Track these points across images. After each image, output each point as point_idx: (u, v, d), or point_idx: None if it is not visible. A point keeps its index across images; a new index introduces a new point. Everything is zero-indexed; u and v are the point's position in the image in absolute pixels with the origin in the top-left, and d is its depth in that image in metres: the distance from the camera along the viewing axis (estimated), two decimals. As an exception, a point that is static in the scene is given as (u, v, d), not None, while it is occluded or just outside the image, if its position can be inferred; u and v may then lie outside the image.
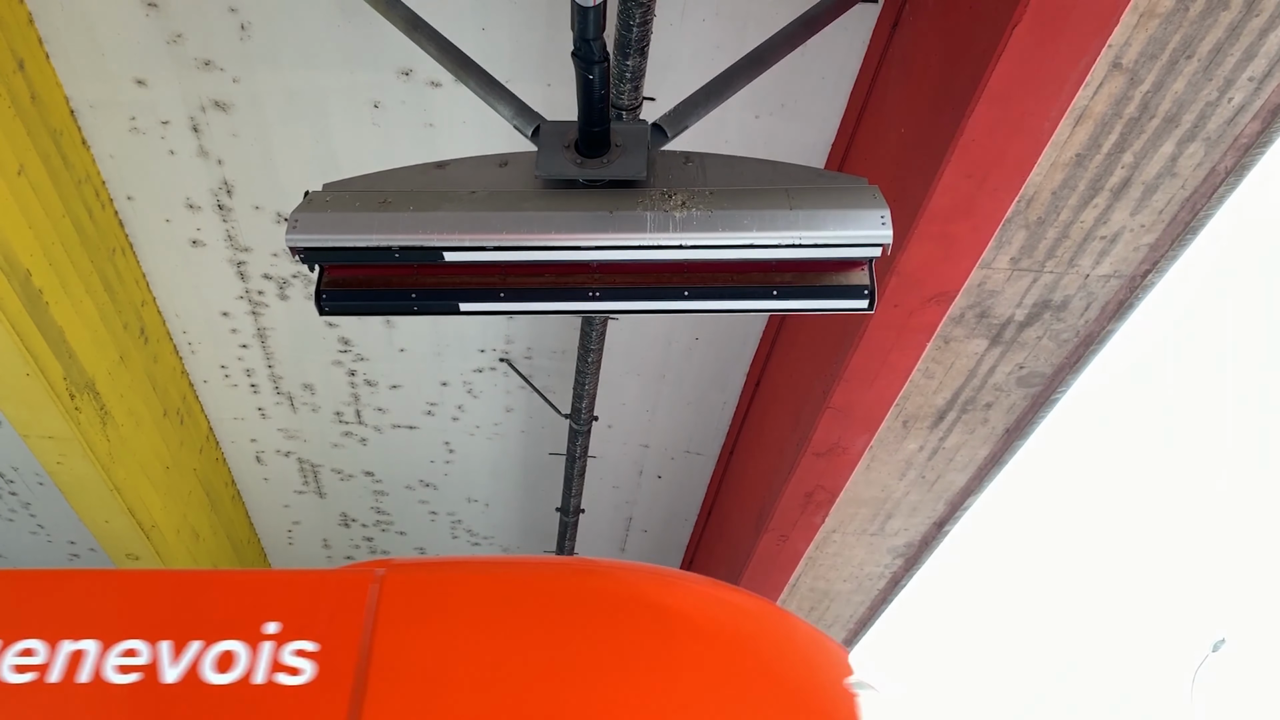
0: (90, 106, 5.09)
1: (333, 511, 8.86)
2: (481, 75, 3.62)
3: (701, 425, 7.43)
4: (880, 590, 8.45)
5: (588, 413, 6.57)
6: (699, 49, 4.60)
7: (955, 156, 3.71)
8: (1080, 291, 5.19)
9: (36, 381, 5.24)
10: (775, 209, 3.04)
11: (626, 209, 3.08)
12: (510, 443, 7.84)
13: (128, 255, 5.90)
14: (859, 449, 5.63)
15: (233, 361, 6.86)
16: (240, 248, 5.89)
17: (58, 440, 5.74)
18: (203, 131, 5.19)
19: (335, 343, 6.72)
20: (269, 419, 7.50)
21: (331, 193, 3.20)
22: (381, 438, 7.76)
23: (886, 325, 4.61)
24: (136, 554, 6.99)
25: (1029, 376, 5.83)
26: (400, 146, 5.13)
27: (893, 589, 8.40)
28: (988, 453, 6.57)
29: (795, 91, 4.79)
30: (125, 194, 5.58)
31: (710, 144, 4.87)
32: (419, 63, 4.76)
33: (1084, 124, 4.29)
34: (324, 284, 3.23)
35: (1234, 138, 4.35)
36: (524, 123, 3.40)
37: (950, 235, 4.09)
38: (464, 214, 3.10)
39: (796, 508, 6.24)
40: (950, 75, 3.71)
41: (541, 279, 3.20)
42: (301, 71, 4.87)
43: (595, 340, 5.69)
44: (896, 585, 8.33)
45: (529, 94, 3.77)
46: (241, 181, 5.47)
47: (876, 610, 8.74)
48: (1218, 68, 4.05)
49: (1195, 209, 4.68)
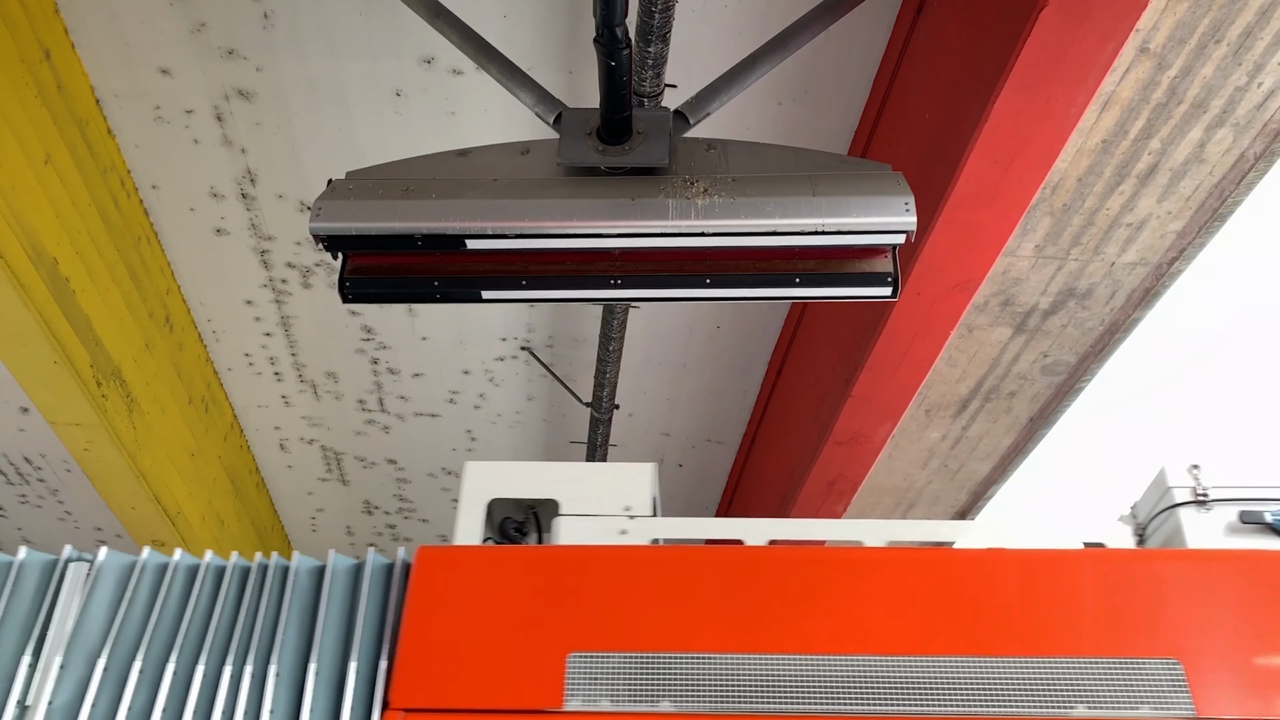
0: (115, 96, 5.13)
1: (356, 499, 8.92)
2: (503, 63, 3.62)
3: (723, 414, 7.42)
4: (902, 579, 8.41)
5: (609, 401, 6.57)
6: (721, 35, 4.58)
7: (980, 142, 3.68)
8: (1105, 279, 5.14)
9: (64, 369, 5.29)
10: (798, 196, 3.03)
11: (648, 196, 3.08)
12: (532, 431, 7.86)
13: (153, 244, 5.95)
14: (881, 438, 5.61)
15: (256, 349, 6.90)
16: (264, 236, 5.92)
17: (85, 427, 5.80)
18: (226, 120, 5.21)
19: (358, 331, 6.75)
20: (292, 407, 7.55)
21: (354, 180, 3.21)
22: (404, 426, 7.79)
23: (909, 313, 4.59)
24: (162, 540, 7.07)
25: (1053, 365, 5.79)
26: (422, 134, 5.14)
27: (914, 578, 8.36)
28: (1011, 442, 6.53)
29: (818, 77, 4.76)
30: (150, 183, 5.62)
31: (732, 131, 4.85)
32: (441, 50, 4.77)
33: (1110, 109, 4.24)
34: (347, 271, 3.25)
35: (1263, 123, 4.29)
36: (546, 110, 3.39)
37: (974, 222, 4.06)
38: (486, 202, 3.10)
39: (818, 497, 6.22)
40: (975, 60, 3.68)
41: (563, 267, 3.20)
42: (324, 60, 4.89)
43: (616, 329, 5.69)
44: (918, 574, 8.29)
45: (551, 81, 3.77)
46: (265, 170, 5.50)
47: (898, 599, 8.70)
48: (1247, 52, 3.99)
49: (1223, 195, 4.62)
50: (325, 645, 2.61)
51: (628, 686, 2.40)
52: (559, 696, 2.40)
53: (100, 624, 2.69)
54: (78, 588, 2.73)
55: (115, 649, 2.66)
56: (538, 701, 2.39)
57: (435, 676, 2.46)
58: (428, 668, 2.48)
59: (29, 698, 2.55)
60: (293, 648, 2.65)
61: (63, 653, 2.63)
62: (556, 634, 2.50)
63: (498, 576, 2.63)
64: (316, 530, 9.33)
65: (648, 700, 2.39)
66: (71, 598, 2.71)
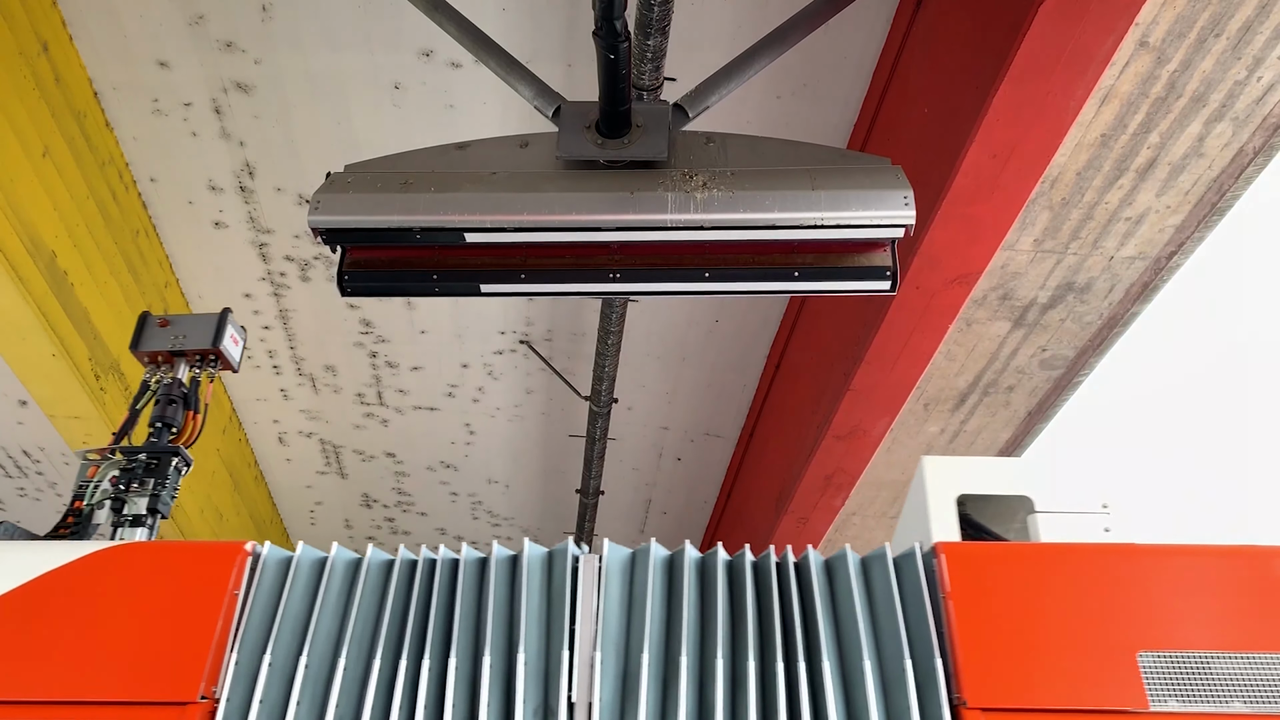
0: (113, 88, 5.12)
1: (354, 492, 8.92)
2: (502, 55, 3.61)
3: (721, 407, 7.43)
4: (900, 573, 8.42)
5: (608, 395, 6.57)
6: (720, 28, 4.57)
7: (979, 137, 3.68)
8: (1104, 273, 5.14)
9: (62, 362, 5.29)
10: (797, 189, 3.03)
11: (647, 190, 3.07)
12: (530, 425, 7.86)
13: (151, 237, 5.94)
14: (880, 432, 5.61)
15: (255, 343, 6.90)
16: (262, 229, 5.92)
17: (84, 420, 5.80)
18: (224, 113, 5.20)
19: (357, 324, 6.75)
20: (291, 400, 7.55)
21: (353, 174, 3.21)
22: (403, 419, 7.79)
23: (908, 307, 4.59)
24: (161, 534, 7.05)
25: (1051, 359, 5.79)
26: (421, 128, 5.14)
27: (912, 572, 8.37)
28: (1009, 435, 6.54)
29: (817, 71, 4.76)
30: (148, 176, 5.61)
31: (732, 124, 4.84)
32: (439, 43, 4.76)
33: (1110, 104, 4.24)
34: (346, 265, 3.24)
35: (1262, 117, 4.29)
36: (545, 103, 3.39)
37: (973, 216, 4.06)
38: (485, 195, 3.10)
39: (817, 490, 6.23)
40: (975, 54, 3.68)
41: (562, 260, 3.20)
42: (322, 53, 4.88)
43: (615, 322, 5.69)
44: (916, 568, 8.30)
45: (550, 74, 3.76)
46: (263, 163, 5.49)
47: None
48: (1247, 46, 3.99)
49: (1222, 190, 4.63)
50: (885, 642, 2.39)
51: (1198, 686, 2.34)
52: (1142, 696, 2.31)
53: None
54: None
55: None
56: (1118, 701, 2.32)
57: (1003, 675, 2.35)
58: (992, 666, 2.37)
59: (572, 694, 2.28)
60: (859, 643, 2.37)
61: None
62: (1125, 632, 2.41)
63: (1042, 574, 2.53)
64: (315, 523, 9.33)
65: (1219, 700, 2.33)
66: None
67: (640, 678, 2.28)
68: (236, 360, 3.49)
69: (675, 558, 2.56)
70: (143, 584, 2.52)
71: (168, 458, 3.21)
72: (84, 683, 2.36)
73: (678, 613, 2.42)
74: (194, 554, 2.58)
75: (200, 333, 3.47)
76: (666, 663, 2.34)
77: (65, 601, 2.49)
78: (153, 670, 2.36)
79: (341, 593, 2.49)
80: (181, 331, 3.49)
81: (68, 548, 2.63)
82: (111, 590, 2.51)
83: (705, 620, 2.42)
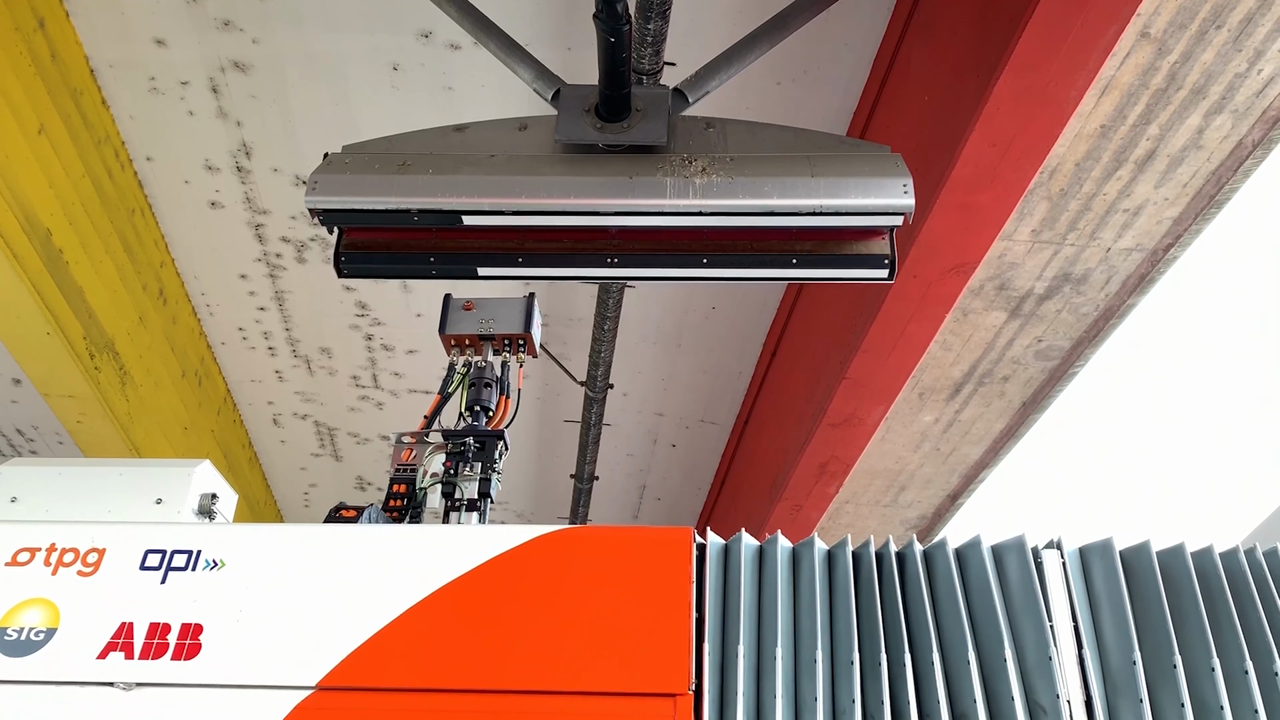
0: (110, 66, 5.09)
1: (349, 475, 8.92)
2: (501, 37, 3.60)
3: (717, 394, 7.43)
4: (892, 561, 8.44)
5: (603, 380, 6.57)
6: (721, 13, 4.55)
7: (979, 125, 3.67)
8: (1101, 265, 5.14)
9: (57, 341, 5.27)
10: (796, 176, 3.02)
11: (646, 174, 3.07)
12: (526, 410, 7.85)
13: (147, 216, 5.91)
14: (874, 420, 5.62)
15: (250, 324, 6.88)
16: (259, 210, 5.89)
17: (78, 399, 5.79)
18: (222, 93, 5.17)
19: (353, 306, 6.73)
20: (286, 382, 7.54)
21: (351, 155, 3.20)
22: (398, 402, 7.78)
23: (905, 296, 4.59)
24: (155, 513, 7.06)
25: (1047, 350, 5.79)
26: (419, 109, 5.11)
27: (905, 560, 8.39)
28: (1004, 426, 6.54)
29: (818, 57, 4.74)
30: (145, 155, 5.59)
31: (731, 110, 4.82)
32: (439, 25, 4.73)
33: (1110, 94, 4.23)
34: (343, 246, 3.24)
35: (1262, 110, 4.28)
36: (544, 86, 3.37)
37: (972, 205, 4.05)
38: (483, 177, 3.09)
39: (811, 478, 6.24)
40: (976, 42, 3.67)
41: (560, 244, 3.19)
42: (321, 33, 4.85)
43: (612, 308, 5.68)
44: (909, 557, 8.32)
45: (549, 57, 3.74)
46: (260, 143, 5.46)
47: (888, 581, 8.73)
48: (1248, 38, 3.98)
49: (1221, 182, 4.62)
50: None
51: None
52: None
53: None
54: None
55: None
56: None
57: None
58: None
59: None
60: None
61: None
62: None
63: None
64: (310, 505, 9.33)
65: None
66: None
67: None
68: (539, 345, 3.50)
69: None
70: (597, 571, 2.50)
71: (493, 441, 3.21)
72: (560, 672, 2.34)
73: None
74: (643, 541, 2.58)
75: (509, 317, 3.50)
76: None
77: (521, 587, 2.46)
78: (634, 661, 2.35)
79: (788, 581, 2.61)
80: (489, 315, 3.49)
81: (508, 532, 2.58)
82: (567, 576, 2.49)
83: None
